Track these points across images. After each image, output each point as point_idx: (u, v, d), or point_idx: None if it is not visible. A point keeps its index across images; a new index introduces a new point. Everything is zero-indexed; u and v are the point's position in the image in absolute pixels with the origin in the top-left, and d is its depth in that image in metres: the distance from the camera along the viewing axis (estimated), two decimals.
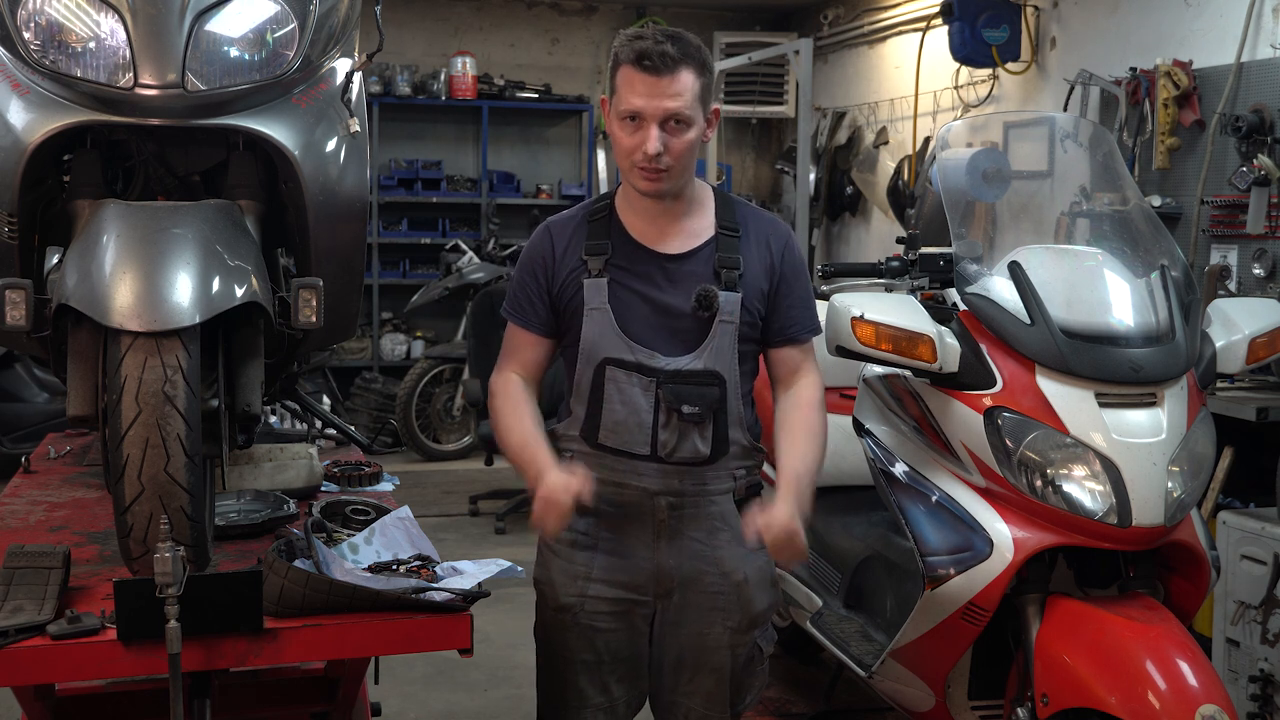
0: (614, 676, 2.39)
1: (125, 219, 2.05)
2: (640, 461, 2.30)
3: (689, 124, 2.24)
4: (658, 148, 2.21)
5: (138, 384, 1.93)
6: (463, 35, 8.97)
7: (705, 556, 2.35)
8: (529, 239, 2.42)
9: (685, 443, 2.28)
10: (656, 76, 2.20)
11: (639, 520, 2.33)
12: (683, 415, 2.26)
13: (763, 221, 2.42)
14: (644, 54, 2.20)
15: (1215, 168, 4.93)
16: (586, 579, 2.35)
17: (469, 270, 7.85)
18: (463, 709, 4.04)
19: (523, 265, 2.39)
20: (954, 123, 3.31)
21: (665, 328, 2.29)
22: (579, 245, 2.34)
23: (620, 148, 2.27)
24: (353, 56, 2.48)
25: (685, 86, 2.22)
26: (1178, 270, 2.82)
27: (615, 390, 2.29)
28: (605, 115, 2.34)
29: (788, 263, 2.40)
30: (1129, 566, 2.72)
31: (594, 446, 2.32)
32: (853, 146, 8.20)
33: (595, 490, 2.22)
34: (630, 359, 2.28)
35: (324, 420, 3.50)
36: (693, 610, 2.36)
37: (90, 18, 2.04)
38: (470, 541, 6.03)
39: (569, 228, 2.37)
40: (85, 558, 2.29)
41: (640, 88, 2.21)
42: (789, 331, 2.40)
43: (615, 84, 2.26)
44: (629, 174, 2.28)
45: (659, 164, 2.23)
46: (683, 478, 2.31)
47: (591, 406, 2.31)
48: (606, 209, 2.37)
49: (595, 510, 2.29)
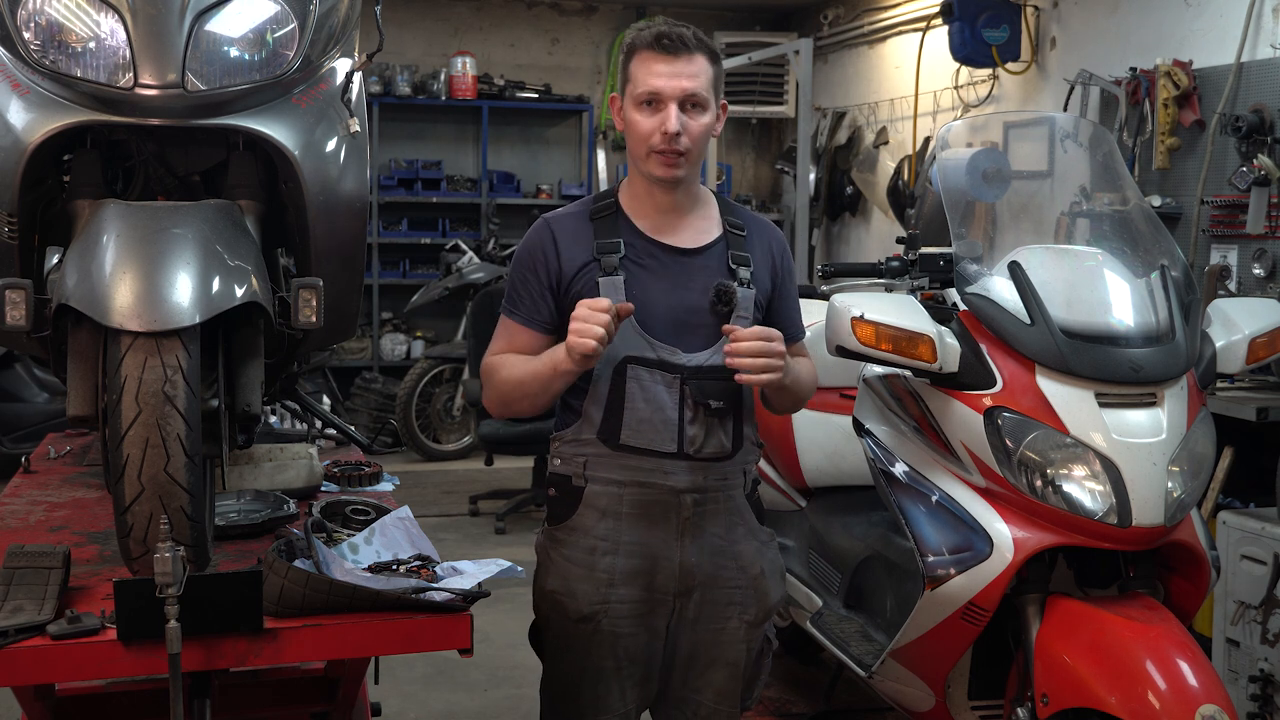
0: (631, 681, 2.38)
1: (125, 219, 2.05)
2: (667, 459, 2.28)
3: (705, 108, 2.27)
4: (677, 126, 2.23)
5: (138, 384, 1.93)
6: (463, 35, 8.97)
7: (725, 551, 2.36)
8: (526, 236, 2.39)
9: (712, 438, 2.29)
10: (674, 56, 2.24)
11: (663, 519, 2.31)
12: (710, 410, 2.27)
13: (762, 225, 2.45)
14: (662, 35, 2.25)
15: (1215, 168, 4.93)
16: (610, 584, 2.32)
17: (469, 270, 7.85)
18: (463, 709, 4.04)
19: (522, 262, 2.36)
20: (954, 123, 3.31)
21: (683, 323, 2.29)
22: (585, 242, 2.32)
23: (638, 133, 2.27)
24: (353, 56, 2.48)
25: (701, 69, 2.26)
26: (1178, 270, 2.82)
27: (639, 389, 2.27)
28: (615, 113, 2.35)
29: (785, 266, 2.45)
30: (1129, 566, 2.72)
31: (615, 448, 2.29)
32: (853, 146, 8.20)
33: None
34: (653, 356, 2.27)
35: (324, 420, 3.50)
36: (711, 606, 2.36)
37: (90, 18, 2.04)
38: (470, 541, 6.03)
39: (571, 224, 2.35)
40: (85, 558, 2.28)
41: (659, 68, 2.24)
42: (791, 332, 2.42)
43: (630, 72, 2.29)
44: (645, 161, 2.28)
45: (678, 145, 2.24)
46: (707, 473, 2.31)
47: (611, 407, 2.29)
48: (612, 205, 2.36)
49: (616, 514, 2.30)
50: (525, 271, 2.34)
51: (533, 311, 2.33)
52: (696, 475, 2.31)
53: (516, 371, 2.29)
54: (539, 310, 2.33)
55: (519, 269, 2.36)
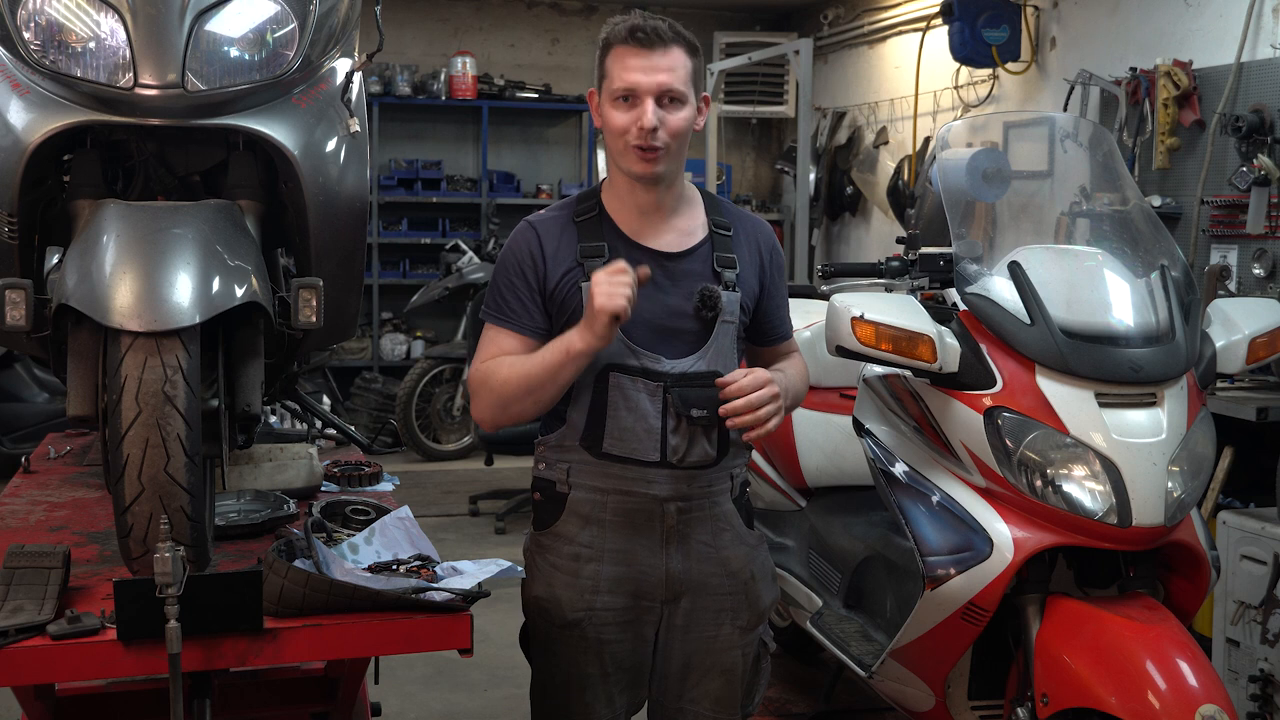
0: (618, 687, 2.35)
1: (125, 219, 2.05)
2: (649, 468, 2.25)
3: (683, 102, 2.21)
4: (654, 121, 2.17)
5: (138, 384, 1.93)
6: (463, 35, 8.97)
7: (712, 558, 2.33)
8: (509, 240, 2.31)
9: (695, 447, 2.25)
10: (650, 50, 2.18)
11: (647, 528, 2.28)
12: (692, 420, 2.22)
13: (750, 222, 2.40)
14: (637, 29, 2.18)
15: (1215, 168, 4.93)
16: (594, 591, 2.29)
17: (469, 270, 7.86)
18: (463, 709, 4.04)
19: (507, 266, 2.28)
20: (954, 123, 3.31)
21: (666, 329, 2.25)
22: (570, 246, 2.26)
23: (613, 128, 2.21)
24: (353, 56, 2.48)
25: (678, 62, 2.20)
26: (1178, 270, 2.82)
27: (620, 397, 2.22)
28: (594, 108, 2.29)
29: (775, 264, 2.40)
30: (1129, 566, 2.72)
31: (597, 456, 2.25)
32: (853, 146, 8.19)
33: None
34: (635, 364, 2.22)
35: (324, 420, 3.50)
36: (701, 613, 2.33)
37: (90, 18, 2.04)
38: (470, 541, 6.03)
39: (555, 227, 2.29)
40: (85, 558, 2.28)
41: (634, 62, 2.18)
42: (781, 330, 2.42)
43: (606, 68, 2.23)
44: (622, 157, 2.22)
45: (655, 140, 2.18)
46: (691, 482, 2.28)
47: (593, 415, 2.25)
48: (595, 207, 2.30)
49: (600, 521, 2.27)
50: (512, 276, 2.27)
51: (523, 317, 2.26)
52: (680, 484, 2.27)
53: (519, 368, 2.20)
54: (530, 315, 2.26)
55: (504, 274, 2.28)
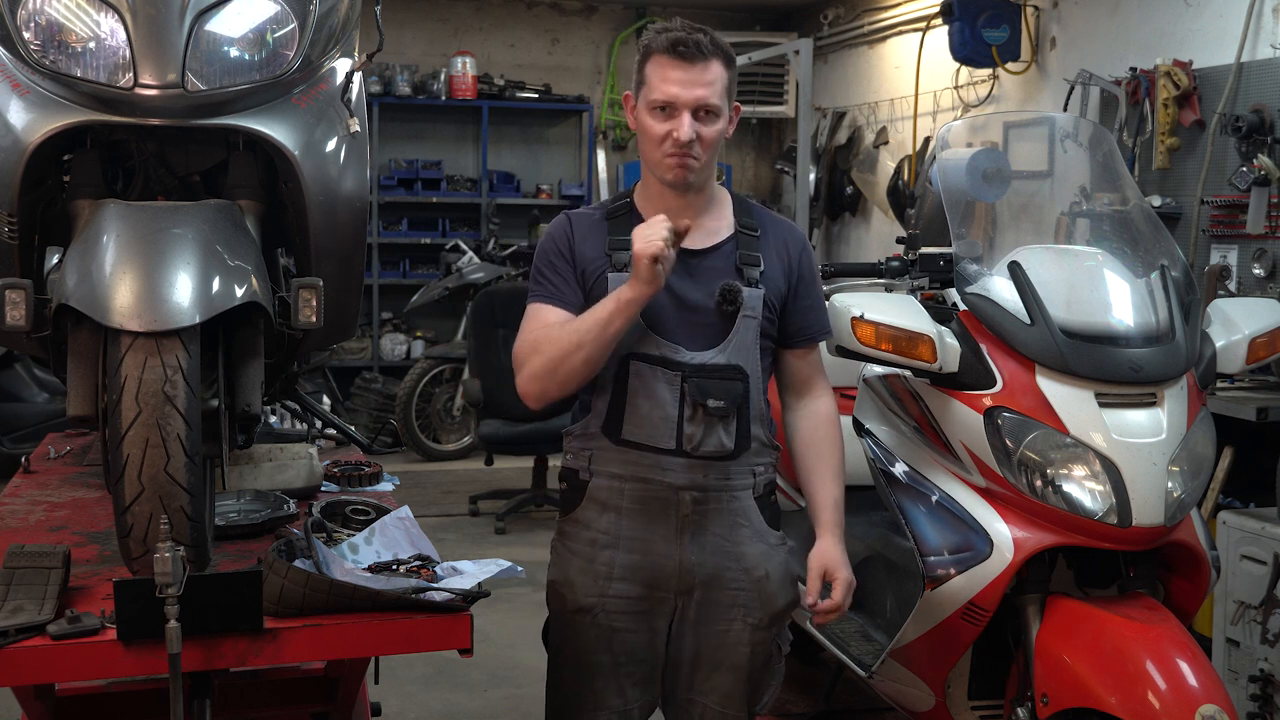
0: (630, 679, 2.38)
1: (125, 219, 2.05)
2: (665, 456, 2.30)
3: (718, 115, 2.28)
4: (690, 134, 2.24)
5: (138, 384, 1.93)
6: (463, 35, 8.97)
7: (727, 552, 2.36)
8: (547, 230, 2.42)
9: (710, 437, 2.29)
10: (690, 64, 2.24)
11: (663, 516, 2.33)
12: (708, 410, 2.27)
13: (780, 225, 2.46)
14: (679, 42, 2.24)
15: (1215, 168, 4.93)
16: (608, 578, 2.34)
17: (469, 270, 7.86)
18: (463, 709, 4.04)
19: (546, 250, 2.37)
20: (954, 123, 3.31)
21: (688, 322, 2.31)
22: (599, 239, 2.35)
23: (650, 136, 2.28)
24: (353, 56, 2.48)
25: (716, 76, 2.26)
26: (1178, 270, 2.82)
27: (640, 385, 2.29)
28: (628, 111, 2.37)
29: (805, 266, 2.44)
30: (1129, 566, 2.72)
31: (616, 442, 2.32)
32: (853, 146, 8.19)
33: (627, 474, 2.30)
34: (655, 353, 2.29)
35: (324, 420, 3.50)
36: (713, 607, 2.37)
37: (90, 18, 2.04)
38: (470, 541, 6.03)
39: (588, 221, 2.39)
40: (85, 558, 2.29)
41: (674, 75, 2.24)
42: (809, 331, 2.44)
43: (645, 75, 2.29)
44: (658, 165, 2.30)
45: (691, 151, 2.25)
46: (707, 472, 2.32)
47: (614, 402, 2.32)
48: (627, 206, 2.39)
49: (617, 508, 2.32)
50: (551, 258, 2.35)
51: (566, 292, 2.32)
52: (695, 473, 2.32)
53: (568, 330, 2.24)
54: (573, 290, 2.32)
55: (544, 258, 2.37)
